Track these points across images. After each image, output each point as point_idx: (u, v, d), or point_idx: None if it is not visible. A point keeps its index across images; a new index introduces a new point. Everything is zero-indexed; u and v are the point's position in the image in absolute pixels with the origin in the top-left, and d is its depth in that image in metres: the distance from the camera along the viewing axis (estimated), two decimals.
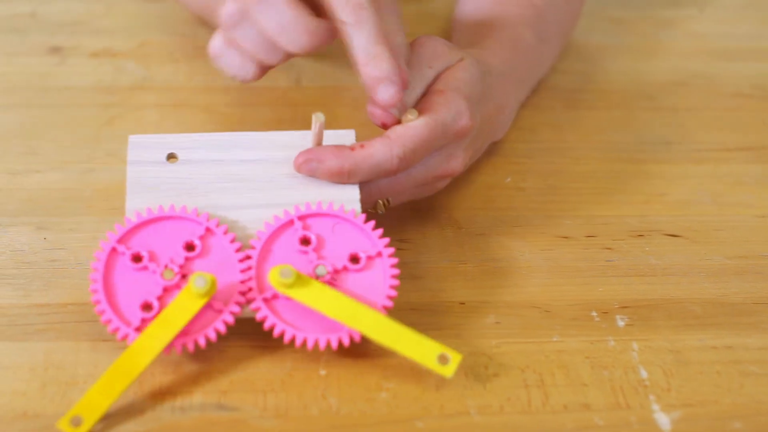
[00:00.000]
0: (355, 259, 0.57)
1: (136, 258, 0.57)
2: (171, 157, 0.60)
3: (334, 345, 0.55)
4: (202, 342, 0.55)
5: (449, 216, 0.67)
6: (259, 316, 0.56)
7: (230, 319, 0.55)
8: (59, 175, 0.69)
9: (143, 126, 0.73)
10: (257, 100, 0.77)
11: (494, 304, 0.61)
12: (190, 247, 0.57)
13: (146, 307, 0.56)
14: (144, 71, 0.79)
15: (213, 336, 0.55)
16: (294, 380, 0.56)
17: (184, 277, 0.56)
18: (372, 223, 0.58)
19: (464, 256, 0.64)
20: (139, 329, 0.55)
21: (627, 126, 0.76)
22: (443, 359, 0.55)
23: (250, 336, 0.58)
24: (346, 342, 0.55)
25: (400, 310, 0.60)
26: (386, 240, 0.57)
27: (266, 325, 0.56)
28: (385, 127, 0.59)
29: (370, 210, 0.62)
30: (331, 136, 0.60)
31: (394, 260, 0.57)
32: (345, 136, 0.61)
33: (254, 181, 0.60)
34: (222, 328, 0.55)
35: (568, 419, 0.54)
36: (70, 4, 0.86)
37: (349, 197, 0.59)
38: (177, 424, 0.53)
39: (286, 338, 0.55)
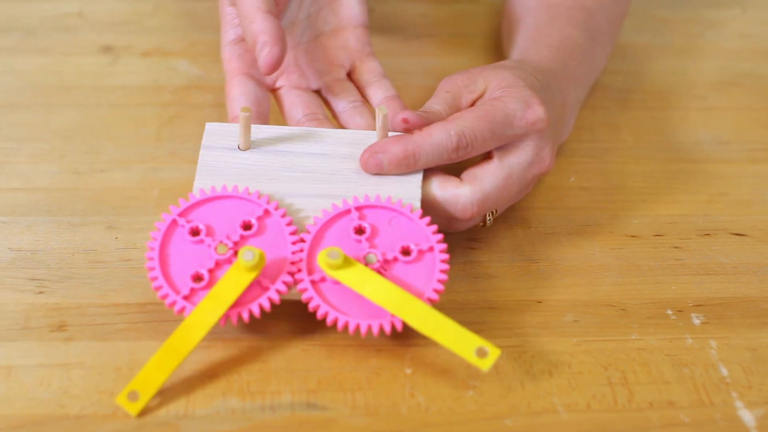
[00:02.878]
0: (406, 251, 0.58)
1: (194, 232, 0.58)
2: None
3: (375, 331, 0.55)
4: (245, 316, 0.56)
5: (518, 216, 0.67)
6: (305, 296, 0.56)
7: (275, 297, 0.56)
8: (125, 174, 0.69)
9: (204, 125, 0.72)
10: None
11: (571, 302, 0.61)
12: (247, 226, 0.58)
13: (197, 278, 0.57)
14: (197, 70, 0.79)
15: (257, 311, 0.56)
16: (381, 379, 0.56)
17: (236, 253, 0.57)
18: (428, 218, 0.58)
19: (536, 255, 0.64)
20: (187, 297, 0.56)
21: (682, 126, 0.76)
22: (481, 352, 0.54)
23: (332, 335, 0.58)
24: (388, 329, 0.55)
25: (478, 309, 0.60)
26: (440, 236, 0.58)
27: (311, 306, 0.56)
28: (406, 122, 0.60)
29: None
30: None
31: (445, 256, 0.57)
32: None
33: (318, 172, 0.60)
34: (266, 305, 0.56)
35: (654, 416, 0.55)
36: (116, 4, 0.86)
37: (410, 194, 0.59)
38: (268, 422, 0.53)
39: (329, 321, 0.56)
